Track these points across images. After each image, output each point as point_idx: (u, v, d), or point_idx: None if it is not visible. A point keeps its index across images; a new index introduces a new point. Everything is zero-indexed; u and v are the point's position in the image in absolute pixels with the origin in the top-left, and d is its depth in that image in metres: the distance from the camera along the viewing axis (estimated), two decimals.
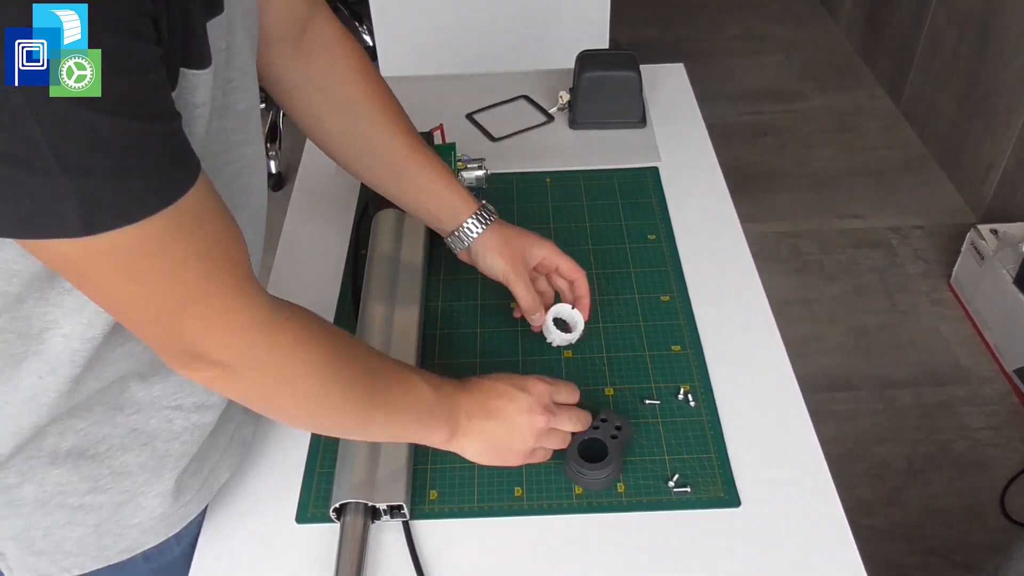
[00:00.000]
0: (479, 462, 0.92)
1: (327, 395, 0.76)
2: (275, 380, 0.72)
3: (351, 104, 0.99)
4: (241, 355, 0.68)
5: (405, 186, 1.02)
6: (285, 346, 0.70)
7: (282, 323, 0.70)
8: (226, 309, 0.65)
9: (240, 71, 0.75)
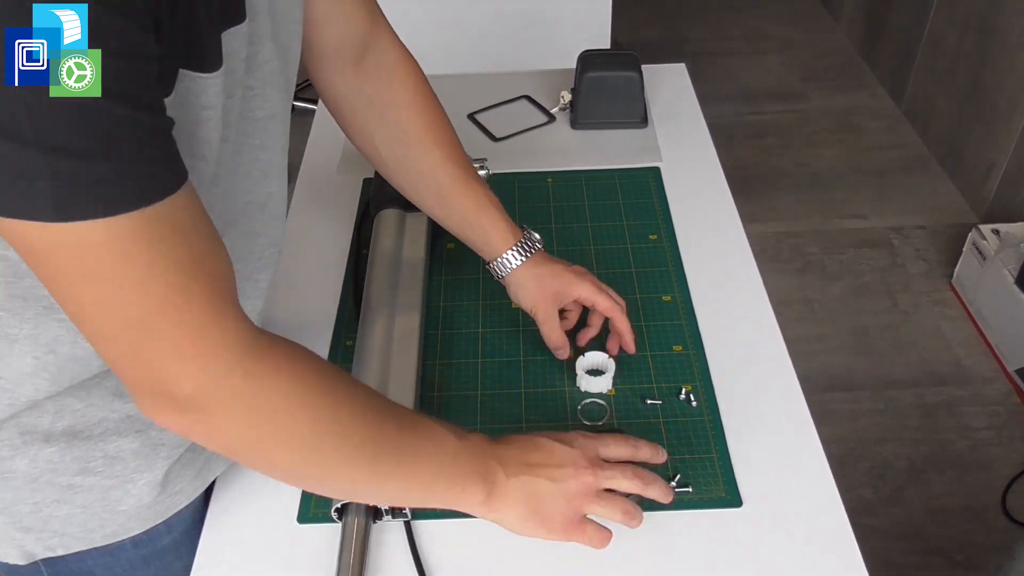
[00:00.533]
0: (520, 532, 0.80)
1: (319, 438, 0.67)
2: (256, 419, 0.63)
3: (404, 129, 0.99)
4: (215, 387, 0.60)
5: (449, 214, 1.03)
6: (266, 376, 0.63)
7: (262, 350, 0.63)
8: (198, 330, 0.59)
9: (263, 80, 0.74)
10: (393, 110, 0.99)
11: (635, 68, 1.41)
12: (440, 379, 1.03)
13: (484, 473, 0.77)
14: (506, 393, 1.01)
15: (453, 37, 2.26)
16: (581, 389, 1.01)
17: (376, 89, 0.98)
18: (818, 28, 3.88)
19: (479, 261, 1.05)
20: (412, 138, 1.00)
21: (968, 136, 2.82)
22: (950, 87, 2.93)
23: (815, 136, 3.20)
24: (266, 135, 0.78)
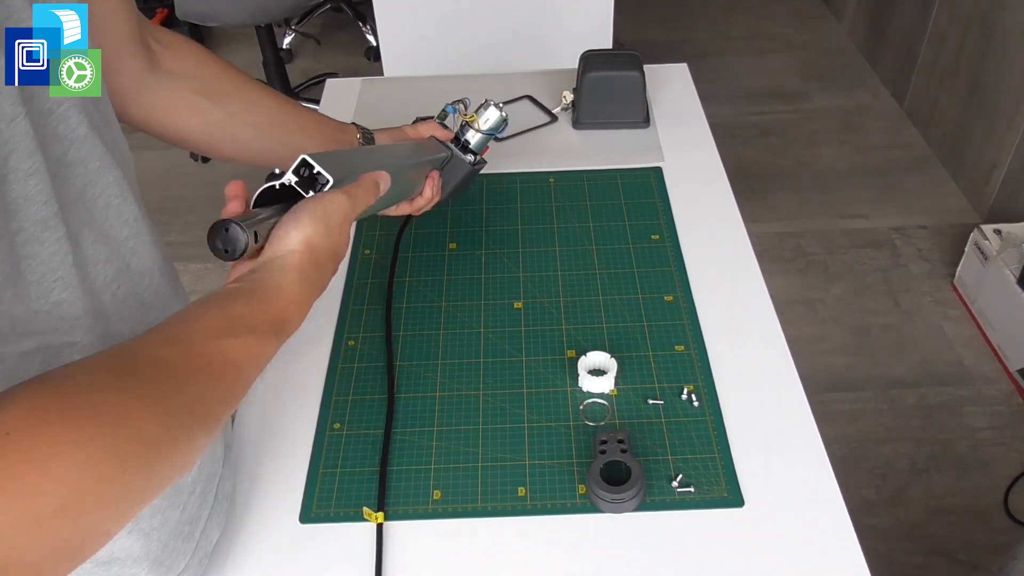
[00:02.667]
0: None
1: (121, 468, 0.49)
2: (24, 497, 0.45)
3: (230, 80, 0.98)
4: None
5: (310, 130, 1.06)
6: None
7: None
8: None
9: (57, 100, 0.60)
10: (209, 65, 0.96)
11: (637, 68, 1.41)
12: (442, 379, 1.03)
13: (288, 319, 0.71)
14: (508, 393, 1.01)
15: (455, 38, 2.26)
16: (583, 389, 1.01)
17: (180, 58, 0.93)
18: (820, 28, 3.88)
19: (480, 261, 1.05)
20: (242, 82, 0.99)
21: (970, 136, 2.82)
22: (952, 87, 2.93)
23: (817, 136, 3.20)
24: (100, 153, 0.65)
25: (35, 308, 0.60)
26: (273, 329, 0.65)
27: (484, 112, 1.15)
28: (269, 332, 0.64)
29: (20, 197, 0.56)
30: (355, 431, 0.98)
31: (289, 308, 0.68)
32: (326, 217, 0.72)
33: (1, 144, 0.53)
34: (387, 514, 0.90)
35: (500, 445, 0.96)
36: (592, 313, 1.11)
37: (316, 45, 3.92)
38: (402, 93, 1.57)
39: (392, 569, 0.86)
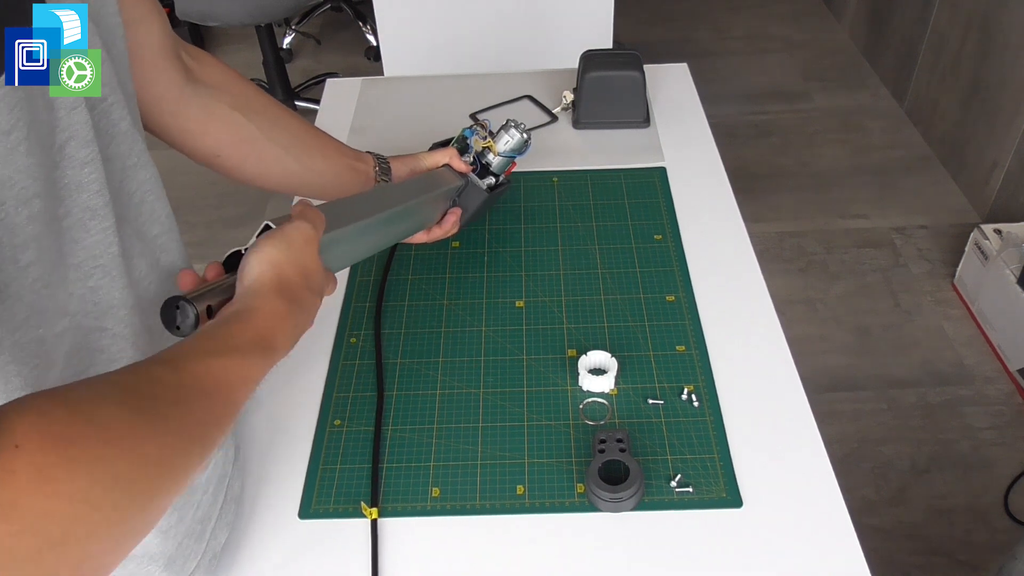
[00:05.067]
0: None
1: (129, 491, 0.48)
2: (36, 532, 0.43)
3: (259, 98, 0.98)
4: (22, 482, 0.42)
5: (330, 155, 1.06)
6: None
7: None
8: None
9: (110, 87, 0.64)
10: (241, 84, 0.96)
11: (637, 68, 1.41)
12: (443, 376, 1.03)
13: (277, 342, 0.70)
14: (508, 391, 1.01)
15: (455, 37, 2.26)
16: (583, 388, 1.01)
17: (216, 71, 0.93)
18: (820, 28, 3.87)
19: (482, 260, 1.05)
20: (269, 102, 0.99)
21: (970, 136, 2.82)
22: (952, 87, 2.93)
23: (817, 136, 3.20)
24: (137, 151, 0.67)
25: (71, 290, 0.61)
26: (258, 348, 0.64)
27: (504, 135, 1.15)
28: (255, 351, 0.64)
29: (73, 184, 0.58)
30: (355, 428, 0.98)
31: (269, 326, 0.66)
32: (284, 237, 0.71)
33: (61, 130, 0.54)
34: (386, 511, 0.90)
35: (499, 443, 0.96)
36: (593, 312, 1.11)
37: (316, 45, 3.92)
38: (402, 93, 1.57)
39: (391, 566, 0.86)
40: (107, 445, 0.47)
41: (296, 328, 0.69)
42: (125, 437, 0.49)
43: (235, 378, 0.61)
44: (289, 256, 0.71)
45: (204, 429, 0.56)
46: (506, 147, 1.15)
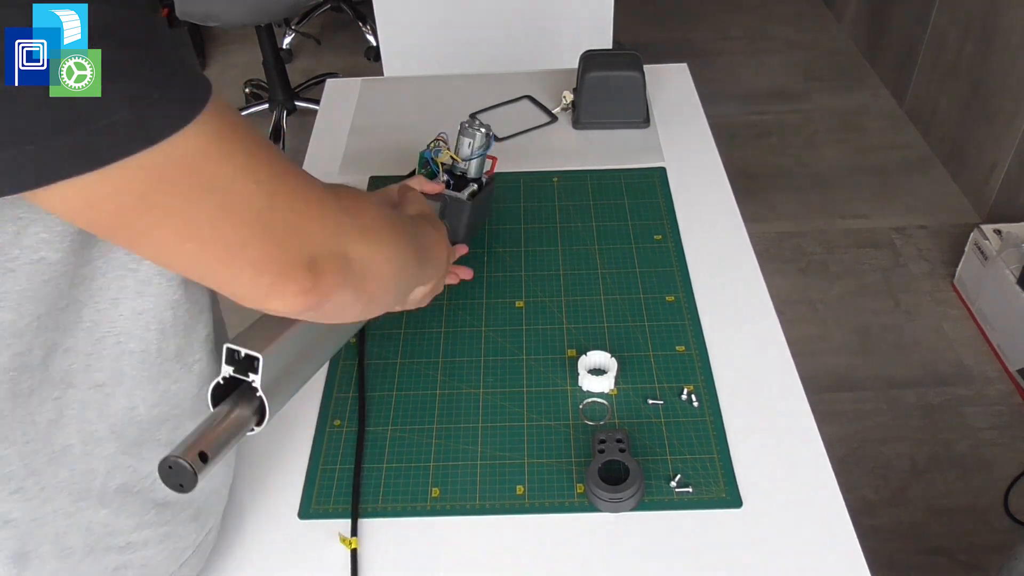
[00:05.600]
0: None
1: (400, 243, 0.73)
2: (367, 246, 0.66)
3: None
4: (337, 233, 0.62)
5: None
6: (355, 204, 0.67)
7: (336, 189, 0.66)
8: (306, 192, 0.59)
9: None
10: None
11: (637, 68, 1.41)
12: (443, 376, 1.03)
13: (440, 262, 0.93)
14: (508, 391, 1.01)
15: (455, 37, 2.26)
16: (583, 388, 1.01)
17: None
18: (820, 28, 3.87)
19: (482, 260, 1.05)
20: None
21: (970, 136, 2.82)
22: (952, 87, 2.93)
23: (817, 136, 3.20)
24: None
25: None
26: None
27: (463, 139, 1.12)
28: (439, 237, 0.93)
29: None
30: (355, 428, 0.98)
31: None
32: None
33: None
34: (386, 511, 0.90)
35: (499, 443, 0.96)
36: (593, 313, 1.11)
37: (316, 45, 3.92)
38: (402, 93, 1.57)
39: (391, 566, 0.86)
40: (405, 236, 0.75)
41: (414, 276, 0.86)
42: (410, 235, 0.78)
43: (431, 235, 0.89)
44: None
45: (418, 250, 0.80)
46: (470, 150, 1.13)
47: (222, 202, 0.53)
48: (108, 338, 0.67)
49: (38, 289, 0.60)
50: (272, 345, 0.70)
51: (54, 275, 0.61)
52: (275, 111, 3.34)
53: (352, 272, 0.64)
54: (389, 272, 0.71)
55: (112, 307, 0.66)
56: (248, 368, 0.69)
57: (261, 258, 0.56)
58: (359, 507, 0.90)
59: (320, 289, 0.61)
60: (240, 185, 0.54)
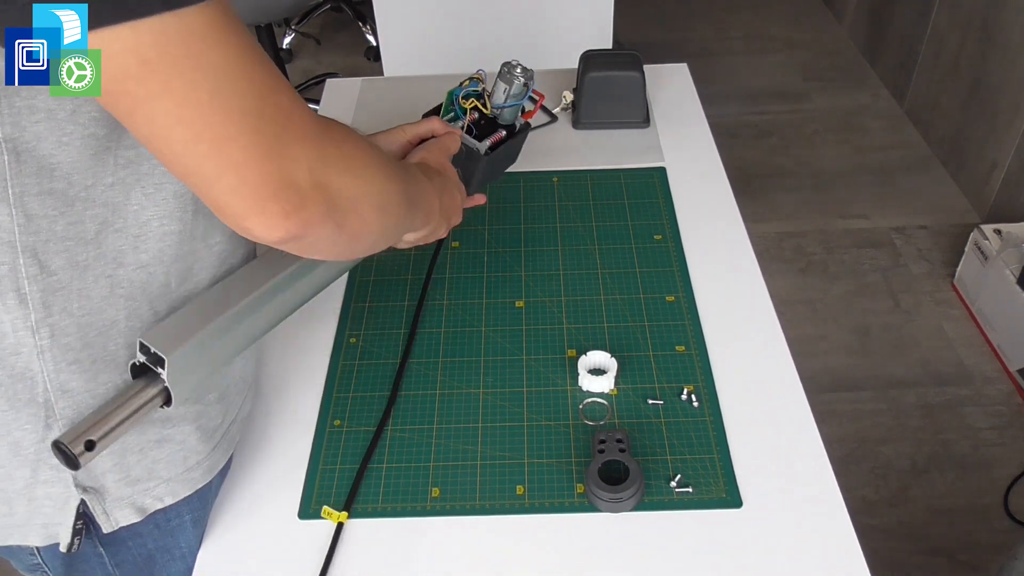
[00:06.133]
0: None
1: (389, 186, 0.75)
2: (354, 181, 0.67)
3: None
4: (322, 161, 0.63)
5: None
6: (347, 141, 0.67)
7: (328, 121, 0.67)
8: (297, 111, 0.60)
9: None
10: None
11: (637, 68, 1.41)
12: (443, 376, 1.03)
13: (434, 204, 0.93)
14: (508, 391, 1.01)
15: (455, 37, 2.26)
16: (583, 388, 1.01)
17: None
18: (820, 28, 3.87)
19: (482, 260, 1.05)
20: None
21: (970, 136, 2.82)
22: (952, 87, 2.93)
23: (817, 136, 3.20)
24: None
25: None
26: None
27: (500, 84, 1.06)
28: (431, 186, 0.91)
29: None
30: (355, 428, 0.98)
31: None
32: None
33: None
34: (386, 511, 0.90)
35: (499, 443, 0.96)
36: (593, 313, 1.11)
37: (316, 45, 3.92)
38: (402, 93, 1.57)
39: (390, 566, 0.86)
40: (394, 173, 0.78)
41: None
42: (398, 177, 0.78)
43: (424, 185, 0.89)
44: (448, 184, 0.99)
45: (408, 192, 0.82)
46: (504, 96, 1.06)
47: (215, 88, 0.54)
48: (153, 221, 0.70)
49: (87, 161, 0.63)
50: (184, 345, 0.72)
51: (100, 150, 0.64)
52: None
53: (335, 205, 0.65)
54: (371, 211, 0.71)
55: (157, 191, 0.69)
56: (158, 362, 0.71)
57: (246, 162, 0.57)
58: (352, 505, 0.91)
59: (302, 216, 0.62)
60: (235, 77, 0.55)
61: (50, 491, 0.74)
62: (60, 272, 0.66)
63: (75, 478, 0.74)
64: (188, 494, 0.82)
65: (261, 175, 0.58)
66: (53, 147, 0.61)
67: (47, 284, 0.66)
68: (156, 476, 0.78)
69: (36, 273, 0.65)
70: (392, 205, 0.77)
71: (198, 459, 0.81)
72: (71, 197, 0.64)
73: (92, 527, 0.78)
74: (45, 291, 0.66)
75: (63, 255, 0.66)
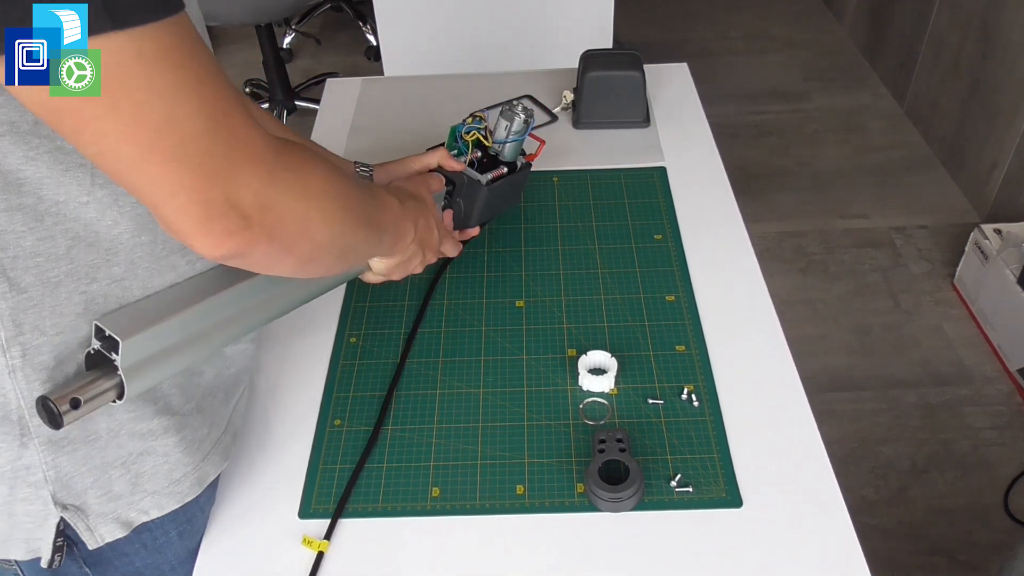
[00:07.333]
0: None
1: (346, 210, 0.73)
2: (305, 205, 0.66)
3: None
4: (272, 184, 0.62)
5: None
6: (302, 167, 0.66)
7: (285, 144, 0.65)
8: (248, 133, 0.60)
9: None
10: None
11: (637, 68, 1.41)
12: (443, 376, 1.03)
13: (404, 236, 0.92)
14: (508, 391, 1.01)
15: (456, 37, 2.26)
16: (583, 388, 1.01)
17: None
18: (820, 28, 3.87)
19: (482, 260, 1.05)
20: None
21: (971, 136, 2.82)
22: (953, 87, 2.93)
23: (817, 136, 3.20)
24: None
25: None
26: (400, 216, 0.90)
27: (502, 121, 1.10)
28: (403, 211, 0.90)
29: None
30: (355, 427, 0.98)
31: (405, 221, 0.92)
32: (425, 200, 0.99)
33: None
34: (387, 510, 0.90)
35: (499, 443, 0.96)
36: (593, 312, 1.11)
37: (316, 45, 3.92)
38: (402, 93, 1.57)
39: (390, 566, 0.86)
40: (344, 187, 0.73)
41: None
42: (354, 197, 0.76)
43: (396, 210, 0.88)
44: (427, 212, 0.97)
45: (378, 227, 0.83)
46: (505, 133, 1.10)
47: (167, 111, 0.54)
48: (125, 235, 0.69)
49: (58, 177, 0.63)
50: (141, 332, 0.71)
51: (72, 166, 0.64)
52: (275, 111, 3.34)
53: (282, 227, 0.64)
54: (324, 234, 0.70)
55: (134, 208, 0.69)
56: (113, 348, 0.70)
57: (193, 184, 0.57)
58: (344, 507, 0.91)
59: (246, 236, 0.61)
60: (187, 100, 0.55)
61: (29, 508, 0.74)
62: (31, 289, 0.66)
63: (54, 496, 0.73)
64: (175, 507, 0.81)
65: (207, 197, 0.58)
66: (20, 162, 0.61)
67: (17, 302, 0.65)
68: (140, 490, 0.78)
69: (5, 291, 0.65)
70: (349, 228, 0.75)
71: (184, 471, 0.80)
72: (40, 212, 0.64)
73: (76, 546, 0.78)
74: (15, 309, 0.65)
75: (33, 271, 0.65)
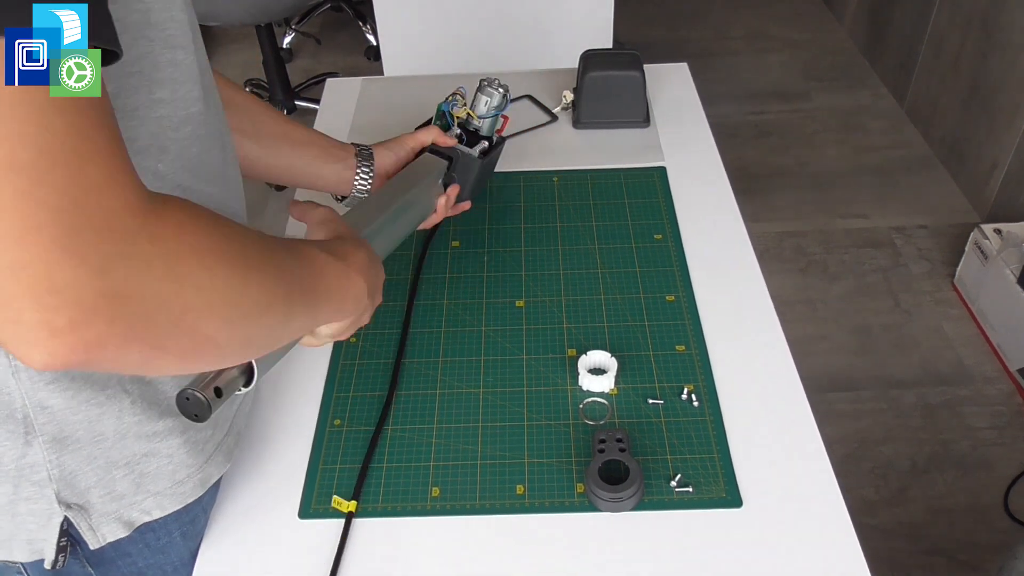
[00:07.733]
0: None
1: (241, 287, 0.58)
2: (176, 287, 0.52)
3: (229, 88, 1.00)
4: (127, 262, 0.49)
5: (297, 142, 1.08)
6: (171, 238, 0.52)
7: (159, 210, 0.51)
8: (96, 186, 0.48)
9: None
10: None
11: (637, 68, 1.41)
12: (443, 376, 1.03)
13: (356, 296, 0.78)
14: (508, 391, 1.01)
15: (456, 37, 2.26)
16: (583, 388, 1.01)
17: None
18: (821, 28, 3.87)
19: (482, 260, 1.05)
20: (232, 97, 1.01)
21: (971, 135, 2.82)
22: (953, 87, 2.93)
23: (817, 136, 3.20)
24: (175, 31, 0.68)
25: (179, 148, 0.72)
26: (341, 277, 0.76)
27: (481, 97, 1.15)
28: (345, 268, 0.76)
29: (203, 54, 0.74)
30: (355, 427, 0.98)
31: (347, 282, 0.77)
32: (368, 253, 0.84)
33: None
34: (386, 510, 0.90)
35: (499, 443, 0.96)
36: (593, 312, 1.11)
37: (316, 45, 3.92)
38: (402, 93, 1.57)
39: (390, 565, 0.86)
40: (240, 244, 0.59)
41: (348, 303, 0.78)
42: (256, 259, 0.61)
43: (331, 268, 0.74)
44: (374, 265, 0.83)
45: (302, 291, 0.68)
46: (486, 108, 1.16)
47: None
48: None
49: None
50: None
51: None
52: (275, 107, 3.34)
53: (147, 317, 0.51)
54: (213, 324, 0.57)
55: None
56: None
57: (6, 259, 0.46)
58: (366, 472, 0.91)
59: (82, 337, 0.48)
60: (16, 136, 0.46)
61: (33, 507, 0.74)
62: None
63: (58, 494, 0.74)
64: (177, 508, 0.81)
65: (28, 279, 0.46)
66: None
67: None
68: (144, 490, 0.78)
69: None
70: (257, 310, 0.61)
71: (188, 472, 0.81)
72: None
73: (79, 546, 0.78)
74: None
75: None
